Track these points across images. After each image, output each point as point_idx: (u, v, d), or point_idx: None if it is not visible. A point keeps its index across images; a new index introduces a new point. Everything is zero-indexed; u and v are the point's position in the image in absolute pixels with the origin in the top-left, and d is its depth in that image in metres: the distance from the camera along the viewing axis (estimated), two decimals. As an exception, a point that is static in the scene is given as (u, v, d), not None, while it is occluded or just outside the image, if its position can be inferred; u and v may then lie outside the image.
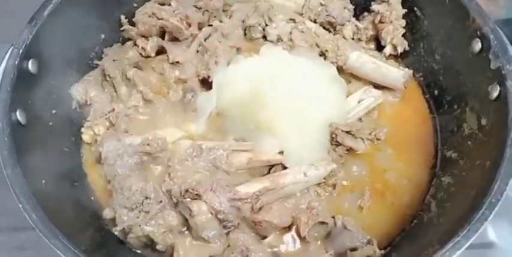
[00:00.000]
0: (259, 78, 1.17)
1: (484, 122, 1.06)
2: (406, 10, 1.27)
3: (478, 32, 1.08)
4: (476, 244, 0.89)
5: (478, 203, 0.89)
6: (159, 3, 1.29)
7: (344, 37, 1.30)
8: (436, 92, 1.26)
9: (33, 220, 0.88)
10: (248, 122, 1.14)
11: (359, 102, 1.23)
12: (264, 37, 1.32)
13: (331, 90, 1.20)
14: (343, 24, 1.31)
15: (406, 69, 1.27)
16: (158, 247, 1.03)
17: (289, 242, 1.07)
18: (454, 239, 0.85)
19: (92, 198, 1.16)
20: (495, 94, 1.02)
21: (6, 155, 0.93)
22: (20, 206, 0.89)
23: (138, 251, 1.08)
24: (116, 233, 1.05)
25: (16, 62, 1.02)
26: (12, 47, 1.04)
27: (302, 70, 1.20)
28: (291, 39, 1.27)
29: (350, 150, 1.16)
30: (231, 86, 1.18)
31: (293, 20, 1.30)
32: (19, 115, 1.00)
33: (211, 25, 1.31)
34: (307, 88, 1.18)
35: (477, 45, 1.08)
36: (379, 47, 1.33)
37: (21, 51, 1.03)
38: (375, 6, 1.29)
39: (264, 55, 1.23)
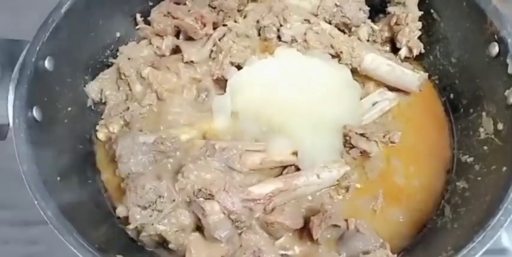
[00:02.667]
0: (273, 80, 1.17)
1: (500, 127, 1.05)
2: (422, 12, 1.26)
3: (496, 36, 1.06)
4: (489, 250, 0.88)
5: (494, 209, 0.88)
6: (174, 2, 1.29)
7: (359, 39, 1.29)
8: (451, 95, 1.25)
9: (48, 217, 0.89)
10: (261, 123, 1.14)
11: (373, 104, 1.22)
12: (279, 38, 1.31)
13: (345, 92, 1.19)
14: (358, 26, 1.30)
15: (422, 72, 1.26)
16: (170, 246, 1.03)
17: (301, 244, 1.07)
18: (469, 246, 0.85)
19: (106, 196, 1.16)
20: (512, 99, 1.01)
21: (22, 151, 0.94)
22: (36, 202, 0.90)
23: (151, 250, 1.08)
24: (129, 231, 1.06)
25: (33, 59, 1.02)
26: (29, 44, 1.04)
27: (316, 72, 1.20)
28: (305, 41, 1.27)
29: (363, 153, 1.16)
30: (245, 88, 1.18)
31: (308, 21, 1.29)
32: (35, 112, 1.00)
33: (225, 25, 1.30)
34: (321, 90, 1.17)
35: (494, 49, 1.07)
36: (395, 49, 1.32)
37: (38, 48, 1.03)
38: (390, 8, 1.28)
39: (278, 57, 1.23)
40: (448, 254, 0.88)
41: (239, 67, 1.24)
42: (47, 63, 1.06)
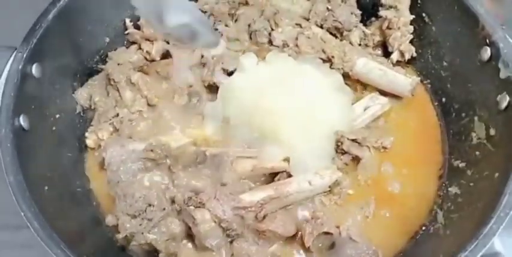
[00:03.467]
0: (264, 86, 1.16)
1: (492, 132, 1.04)
2: (414, 16, 1.25)
3: (487, 40, 1.06)
4: (482, 255, 0.87)
5: (486, 218, 0.87)
6: (164, 7, 1.28)
7: (351, 43, 1.28)
8: (443, 99, 1.24)
9: (35, 229, 0.87)
10: (253, 129, 1.13)
11: (365, 109, 1.21)
12: (270, 42, 1.30)
13: (337, 98, 1.18)
14: (350, 30, 1.29)
15: (414, 76, 1.25)
16: (161, 255, 1.02)
17: (293, 252, 1.06)
18: (462, 255, 0.84)
19: (95, 204, 1.15)
20: (504, 104, 1.01)
21: (8, 161, 0.92)
22: (22, 214, 0.88)
23: (141, 259, 1.07)
24: (119, 240, 1.04)
25: (20, 67, 1.01)
26: (16, 51, 1.03)
27: (307, 78, 1.19)
28: (296, 45, 1.26)
29: (355, 158, 1.15)
30: (236, 94, 1.17)
31: (299, 25, 1.29)
32: (22, 120, 0.99)
33: (216, 29, 1.29)
34: (312, 96, 1.16)
35: (486, 53, 1.06)
36: (386, 53, 1.31)
37: (25, 55, 1.02)
38: (382, 12, 1.27)
39: (269, 62, 1.22)
40: (440, 262, 0.87)
41: (231, 74, 1.23)
42: (35, 70, 1.04)
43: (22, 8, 1.26)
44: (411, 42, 1.27)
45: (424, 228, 1.10)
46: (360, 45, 1.30)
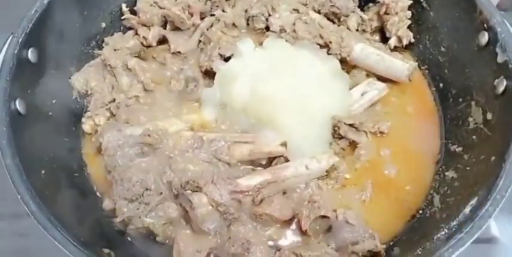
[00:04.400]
0: (261, 72, 1.16)
1: (489, 116, 1.04)
2: (412, 1, 1.25)
3: (485, 25, 1.06)
4: (478, 239, 0.88)
5: (483, 200, 0.88)
6: (160, -8, 1.27)
7: (348, 28, 1.28)
8: (441, 85, 1.24)
9: (32, 211, 0.88)
10: (250, 115, 1.13)
11: (362, 94, 1.21)
12: (267, 28, 1.30)
13: (334, 83, 1.18)
14: (347, 15, 1.29)
15: (411, 61, 1.25)
16: (158, 238, 1.03)
17: (290, 235, 1.06)
18: (458, 236, 0.85)
19: (92, 189, 1.15)
20: (501, 89, 1.01)
21: (5, 144, 0.92)
22: (19, 197, 0.88)
23: (138, 243, 1.07)
24: (116, 224, 1.04)
25: (15, 51, 1.01)
26: (11, 36, 1.02)
27: (305, 63, 1.19)
28: (294, 31, 1.25)
29: (352, 143, 1.15)
30: (233, 79, 1.17)
31: (297, 11, 1.28)
32: (18, 105, 0.99)
33: (213, 15, 1.29)
34: (309, 81, 1.16)
35: (484, 38, 1.06)
36: (384, 39, 1.31)
37: (20, 40, 1.02)
38: (380, -3, 1.27)
39: (267, 48, 1.21)
40: (436, 245, 0.87)
41: (227, 59, 1.22)
42: (30, 55, 1.04)
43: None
44: (409, 27, 1.27)
45: (420, 212, 1.10)
46: (357, 30, 1.30)
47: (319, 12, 1.29)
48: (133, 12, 1.28)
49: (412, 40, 1.28)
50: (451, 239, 0.85)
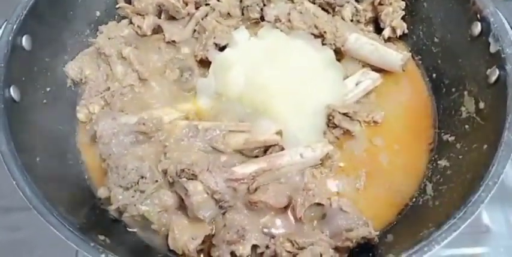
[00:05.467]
0: (256, 61, 1.16)
1: (481, 105, 1.05)
2: (406, -8, 1.26)
3: (478, 15, 1.07)
4: (470, 228, 0.89)
5: (475, 186, 0.89)
6: (155, -19, 1.26)
7: (343, 19, 1.28)
8: (434, 75, 1.25)
9: (28, 197, 0.87)
10: (245, 104, 1.14)
11: (357, 84, 1.22)
12: (262, 17, 1.30)
13: (328, 73, 1.19)
14: (342, 6, 1.29)
15: (405, 52, 1.26)
16: (153, 226, 1.03)
17: (285, 222, 1.07)
18: (451, 221, 0.86)
19: (87, 177, 1.15)
20: (494, 78, 1.02)
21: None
22: (14, 183, 0.88)
23: (133, 230, 1.07)
24: (111, 212, 1.05)
25: (10, 38, 1.01)
26: (6, 23, 1.02)
27: (299, 53, 1.19)
28: (289, 20, 1.25)
29: (346, 132, 1.16)
30: (228, 69, 1.17)
31: (291, 0, 1.28)
32: (13, 92, 0.99)
33: (208, 4, 1.29)
34: (304, 71, 1.17)
35: (476, 29, 1.07)
36: (378, 30, 1.32)
37: (15, 27, 1.02)
38: (374, -12, 1.27)
39: (261, 37, 1.22)
40: (429, 231, 0.88)
41: (222, 49, 1.22)
42: (25, 42, 1.04)
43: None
44: (403, 18, 1.28)
45: (413, 200, 1.11)
46: (351, 21, 1.30)
47: (313, 2, 1.29)
48: (128, 1, 1.28)
49: (406, 31, 1.29)
50: (444, 225, 0.86)
